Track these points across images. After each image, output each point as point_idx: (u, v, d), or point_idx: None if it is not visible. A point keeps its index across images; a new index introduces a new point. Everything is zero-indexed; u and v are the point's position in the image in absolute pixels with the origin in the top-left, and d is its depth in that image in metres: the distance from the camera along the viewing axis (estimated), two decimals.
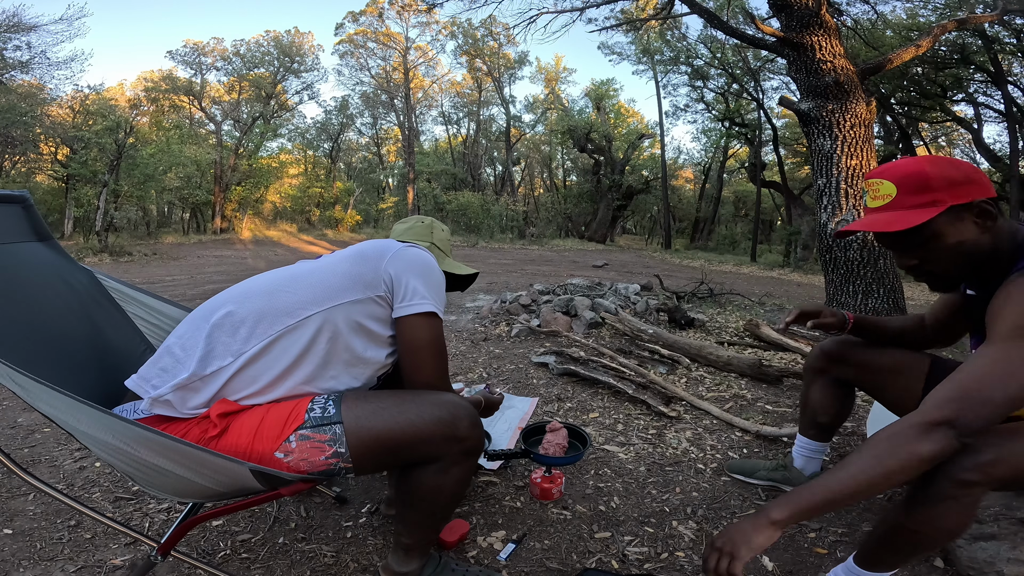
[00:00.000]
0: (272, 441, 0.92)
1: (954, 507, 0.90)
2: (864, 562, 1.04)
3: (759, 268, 13.10)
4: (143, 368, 1.03)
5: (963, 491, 0.89)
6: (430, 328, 1.03)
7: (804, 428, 1.56)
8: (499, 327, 3.74)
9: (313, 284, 1.03)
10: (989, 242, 0.97)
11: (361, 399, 0.99)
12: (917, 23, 9.75)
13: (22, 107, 12.71)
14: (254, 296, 1.03)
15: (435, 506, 1.02)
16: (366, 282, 1.04)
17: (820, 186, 4.08)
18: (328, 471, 0.95)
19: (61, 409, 0.88)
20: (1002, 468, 0.88)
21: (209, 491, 0.95)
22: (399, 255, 1.07)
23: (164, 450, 0.87)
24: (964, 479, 0.88)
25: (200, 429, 0.94)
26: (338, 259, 1.09)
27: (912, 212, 0.97)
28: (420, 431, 0.95)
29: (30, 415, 2.12)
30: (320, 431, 0.93)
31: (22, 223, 1.23)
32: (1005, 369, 0.82)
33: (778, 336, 3.16)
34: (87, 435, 0.90)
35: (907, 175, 0.98)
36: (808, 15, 4.02)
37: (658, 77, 19.31)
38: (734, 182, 26.27)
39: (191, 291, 6.01)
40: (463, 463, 1.00)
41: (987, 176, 1.01)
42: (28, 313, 1.09)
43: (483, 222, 19.43)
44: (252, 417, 0.95)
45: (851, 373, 1.43)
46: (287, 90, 22.08)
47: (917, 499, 0.93)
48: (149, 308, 1.40)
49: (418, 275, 1.05)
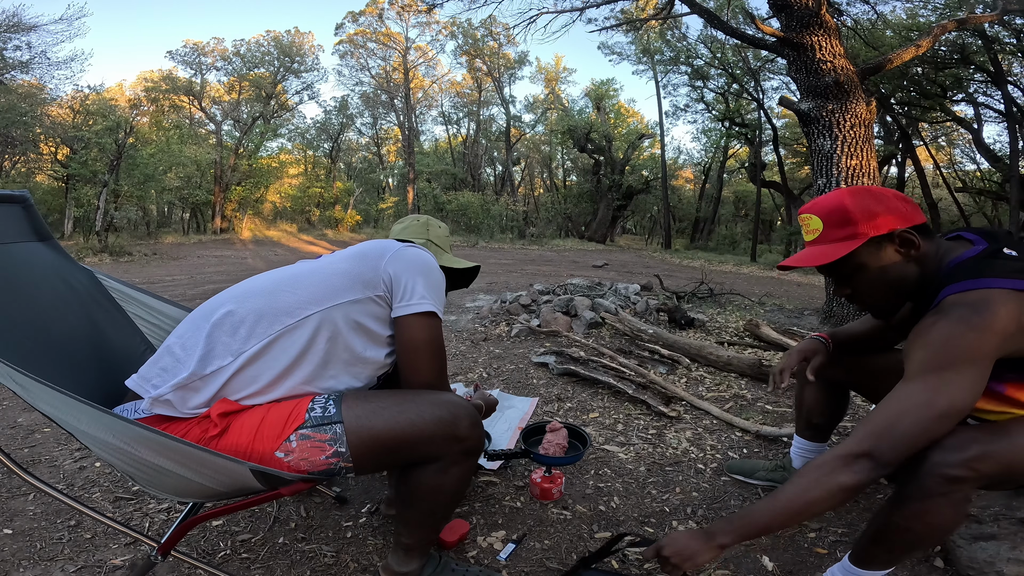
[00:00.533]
0: (272, 440, 0.92)
1: (943, 503, 0.92)
2: (859, 561, 1.05)
3: (759, 268, 13.09)
4: (143, 368, 1.03)
5: (951, 487, 0.90)
6: (429, 328, 1.04)
7: (800, 429, 1.56)
8: (499, 327, 3.74)
9: (313, 284, 1.03)
10: (915, 270, 1.01)
11: (361, 399, 0.99)
12: (917, 23, 9.74)
13: (22, 107, 12.70)
14: (254, 296, 1.03)
15: (435, 506, 1.02)
16: (365, 281, 1.04)
17: (820, 186, 4.08)
18: (329, 471, 0.95)
19: (61, 409, 0.88)
20: (989, 464, 0.90)
21: (209, 491, 0.95)
22: (398, 255, 1.07)
23: (164, 450, 0.87)
24: (951, 475, 0.90)
25: (200, 429, 0.94)
26: (338, 259, 1.10)
27: (836, 246, 1.02)
28: (421, 431, 0.95)
29: (30, 415, 2.12)
30: (321, 430, 0.93)
31: (22, 223, 1.23)
32: (916, 405, 0.89)
33: (778, 336, 3.16)
34: (87, 435, 0.90)
35: (830, 210, 1.03)
36: (808, 15, 4.02)
37: (658, 77, 19.32)
38: (734, 182, 26.26)
39: (191, 291, 6.01)
40: (463, 463, 1.00)
41: (914, 204, 1.03)
42: (28, 313, 1.09)
43: (483, 222, 19.43)
44: (252, 417, 0.95)
45: (842, 375, 1.43)
46: (287, 90, 22.07)
47: (907, 496, 0.95)
48: (149, 308, 1.40)
49: (417, 274, 1.05)
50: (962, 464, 0.90)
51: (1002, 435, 0.93)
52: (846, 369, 1.42)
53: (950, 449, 0.91)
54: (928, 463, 0.92)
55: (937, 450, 0.93)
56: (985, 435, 0.93)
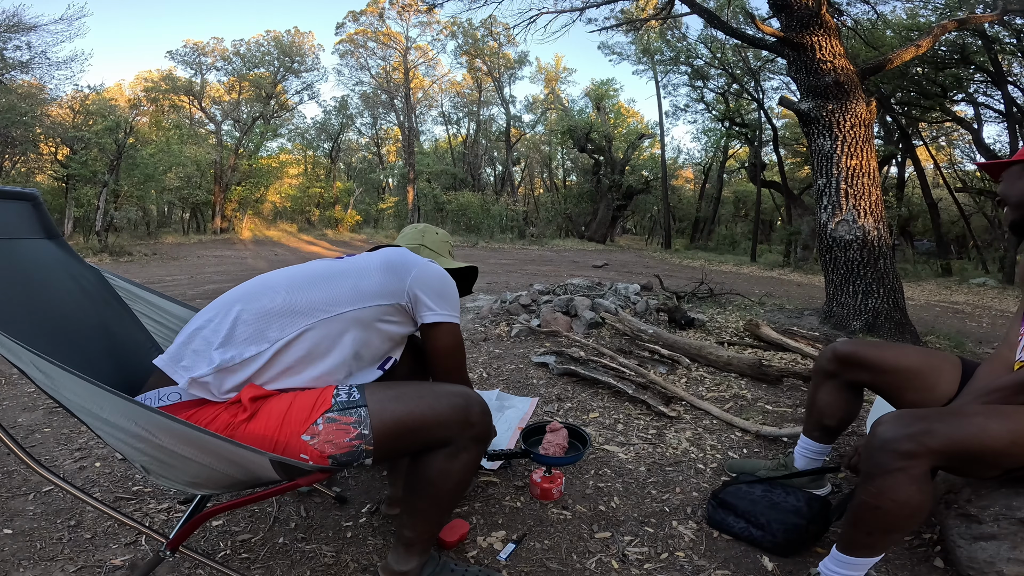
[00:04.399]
0: (301, 424, 0.97)
1: (902, 479, 0.98)
2: (845, 548, 1.07)
3: (759, 268, 13.09)
4: (172, 349, 1.07)
5: (905, 462, 0.98)
6: (451, 334, 1.19)
7: (809, 430, 1.54)
8: (499, 327, 3.74)
9: (347, 285, 1.13)
10: None
11: (383, 387, 1.08)
12: (917, 23, 9.74)
13: (22, 107, 12.67)
14: (284, 289, 1.11)
15: (441, 492, 1.06)
16: (393, 291, 1.15)
17: (820, 186, 4.08)
18: (351, 453, 0.99)
19: (84, 397, 0.89)
20: (938, 439, 0.98)
21: (228, 480, 0.98)
22: (420, 275, 1.17)
23: (186, 438, 0.89)
24: (900, 449, 0.98)
25: (230, 414, 0.98)
26: (368, 265, 1.19)
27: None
28: (438, 414, 1.02)
29: (30, 415, 2.13)
30: (346, 413, 0.99)
31: (32, 220, 1.24)
32: None
33: (778, 336, 3.16)
34: (107, 423, 0.91)
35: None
36: (808, 15, 4.02)
37: (658, 77, 19.30)
38: (734, 182, 26.24)
39: (191, 291, 6.01)
40: (472, 449, 1.06)
41: None
42: (42, 306, 1.11)
43: (483, 222, 19.43)
44: (281, 402, 1.00)
45: (865, 376, 1.42)
46: (287, 90, 22.07)
47: (868, 475, 1.02)
48: (155, 307, 1.41)
49: (437, 292, 1.18)
50: (908, 438, 0.98)
51: (953, 416, 1.03)
52: (869, 370, 1.40)
53: (898, 427, 1.00)
54: (878, 439, 1.01)
55: (885, 427, 1.01)
56: (935, 415, 1.03)
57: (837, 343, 1.49)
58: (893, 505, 0.99)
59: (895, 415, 1.05)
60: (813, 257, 13.21)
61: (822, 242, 4.11)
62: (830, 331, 3.79)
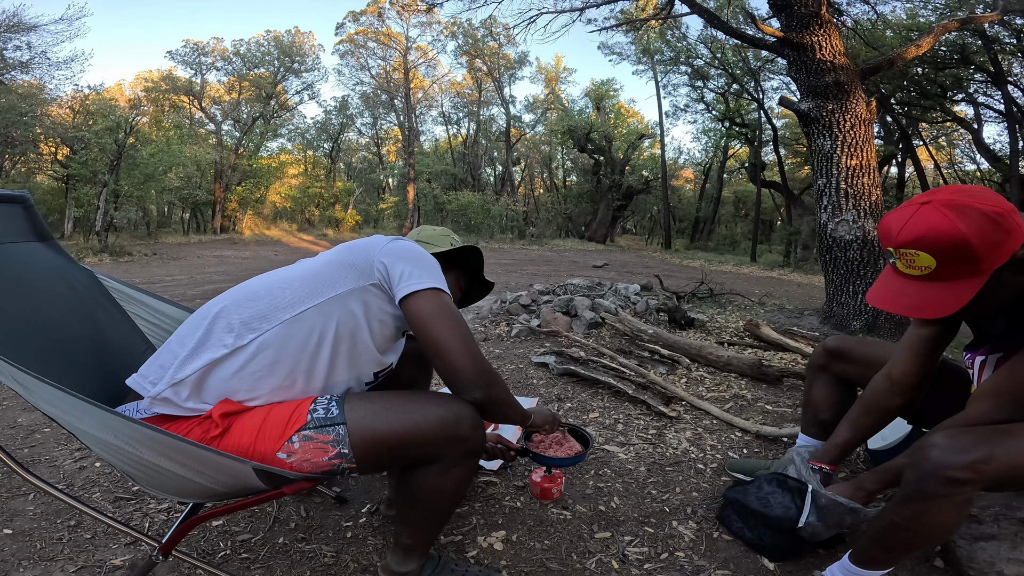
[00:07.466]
0: (274, 441, 0.92)
1: (946, 505, 0.90)
2: (859, 560, 1.05)
3: (759, 268, 13.09)
4: (143, 366, 1.03)
5: (954, 489, 0.89)
6: (436, 299, 0.99)
7: (806, 426, 1.55)
8: (499, 327, 3.74)
9: (307, 279, 1.03)
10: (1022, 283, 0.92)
11: (364, 399, 0.98)
12: (917, 23, 9.74)
13: (22, 107, 12.69)
14: (253, 295, 1.03)
15: (435, 506, 1.02)
16: (359, 270, 1.02)
17: (820, 186, 4.08)
18: (332, 471, 0.95)
19: (63, 408, 0.88)
20: (994, 466, 0.88)
21: (211, 491, 0.95)
22: (389, 246, 1.05)
23: (167, 449, 0.87)
24: (955, 477, 0.88)
25: (202, 429, 0.94)
26: (329, 252, 1.10)
27: (954, 287, 0.90)
28: (423, 431, 0.94)
29: (30, 415, 2.12)
30: (323, 432, 0.93)
31: (22, 223, 1.23)
32: None
33: (778, 336, 3.16)
34: (89, 434, 0.89)
35: (948, 246, 0.87)
36: (808, 15, 4.02)
37: (658, 77, 19.32)
38: (734, 182, 26.26)
39: (191, 291, 6.01)
40: (464, 464, 1.00)
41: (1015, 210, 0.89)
42: (29, 312, 1.09)
43: (483, 222, 19.43)
44: (254, 418, 0.95)
45: (853, 371, 1.43)
46: (287, 90, 22.07)
47: (908, 497, 0.94)
48: (150, 308, 1.40)
49: (410, 260, 1.02)
50: (966, 467, 0.88)
51: (1008, 437, 0.91)
52: (857, 364, 1.42)
53: (955, 451, 0.89)
54: (931, 464, 0.90)
55: (941, 451, 0.90)
56: (991, 436, 0.91)
57: (827, 339, 1.51)
58: (927, 529, 0.94)
59: (950, 435, 0.93)
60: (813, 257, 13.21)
61: (822, 242, 4.11)
62: (830, 331, 3.79)
